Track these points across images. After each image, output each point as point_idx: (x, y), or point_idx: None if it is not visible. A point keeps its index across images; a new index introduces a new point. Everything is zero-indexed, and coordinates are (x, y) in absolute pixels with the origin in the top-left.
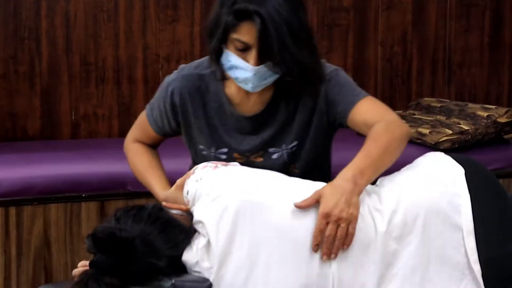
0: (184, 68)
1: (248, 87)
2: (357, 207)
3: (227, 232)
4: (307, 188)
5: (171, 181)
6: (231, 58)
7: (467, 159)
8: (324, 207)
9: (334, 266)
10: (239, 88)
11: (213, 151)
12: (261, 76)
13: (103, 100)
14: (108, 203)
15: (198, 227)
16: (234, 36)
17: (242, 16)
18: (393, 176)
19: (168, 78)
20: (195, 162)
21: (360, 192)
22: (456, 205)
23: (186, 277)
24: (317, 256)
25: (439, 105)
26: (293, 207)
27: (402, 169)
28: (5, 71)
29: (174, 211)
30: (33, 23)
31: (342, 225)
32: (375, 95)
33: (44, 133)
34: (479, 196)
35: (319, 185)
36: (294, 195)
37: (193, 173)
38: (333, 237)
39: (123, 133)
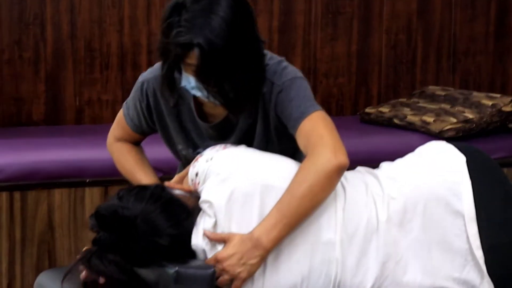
0: (157, 68)
1: (206, 100)
2: (250, 270)
3: (236, 214)
4: None
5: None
6: (190, 79)
7: (469, 147)
8: (220, 252)
9: (338, 252)
10: None
11: (190, 151)
12: None
13: (108, 86)
14: (112, 188)
15: (205, 206)
16: (188, 61)
17: (188, 46)
18: (395, 163)
19: (142, 77)
20: (180, 161)
21: (264, 253)
22: (457, 192)
23: (190, 264)
24: (322, 240)
25: (443, 93)
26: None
27: (404, 157)
28: (10, 57)
29: (177, 191)
30: (38, 9)
31: (226, 276)
32: (379, 83)
33: (49, 118)
34: (480, 184)
35: None
36: None
37: (201, 156)
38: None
39: None
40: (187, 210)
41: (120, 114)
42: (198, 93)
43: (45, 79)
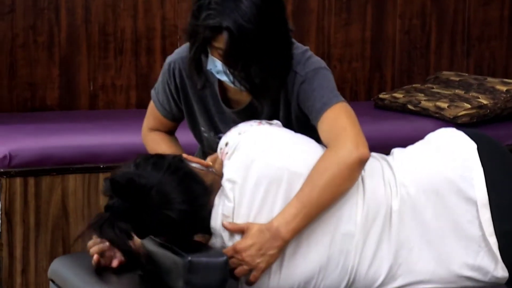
0: (184, 50)
1: (232, 85)
2: (269, 261)
3: (258, 200)
4: None
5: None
6: (216, 63)
7: (479, 134)
8: (239, 243)
9: (356, 244)
10: None
11: (212, 135)
12: None
13: (121, 71)
14: None
15: (227, 186)
16: (215, 44)
17: (217, 29)
18: (406, 150)
19: (169, 60)
20: (201, 144)
21: (283, 244)
22: (469, 179)
23: (202, 252)
24: (341, 231)
25: (457, 79)
26: None
27: (415, 144)
28: (25, 41)
29: (194, 164)
30: None
31: (245, 267)
32: (393, 68)
33: (63, 103)
34: (492, 170)
35: None
36: None
37: (235, 127)
38: (232, 269)
39: (140, 104)
40: (204, 186)
41: (151, 104)
42: (223, 78)
43: (59, 64)
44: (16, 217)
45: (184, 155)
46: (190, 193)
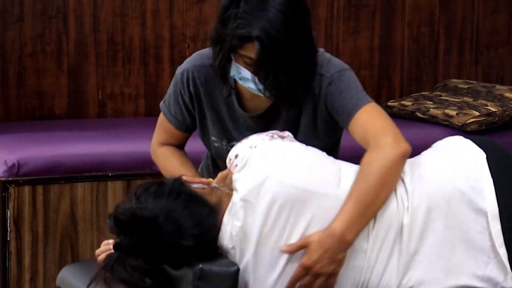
0: (196, 58)
1: (256, 92)
2: (341, 263)
3: (271, 220)
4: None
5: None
6: (241, 70)
7: (486, 141)
8: (307, 259)
9: (368, 259)
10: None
11: (224, 143)
12: None
13: (130, 80)
14: (135, 182)
15: (238, 203)
16: (242, 52)
17: (247, 39)
18: (416, 161)
19: (181, 69)
20: (210, 154)
21: (348, 246)
22: (479, 190)
23: (213, 261)
24: (354, 247)
25: (466, 86)
26: (340, 198)
27: (423, 153)
28: (33, 50)
29: (195, 185)
30: (61, 2)
31: (322, 278)
32: (401, 76)
33: (71, 112)
34: (501, 180)
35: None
36: (343, 183)
37: (246, 139)
38: (309, 287)
39: (149, 113)
40: (209, 207)
41: (161, 117)
42: (248, 85)
43: (68, 72)
44: (24, 226)
45: (184, 177)
46: (197, 216)
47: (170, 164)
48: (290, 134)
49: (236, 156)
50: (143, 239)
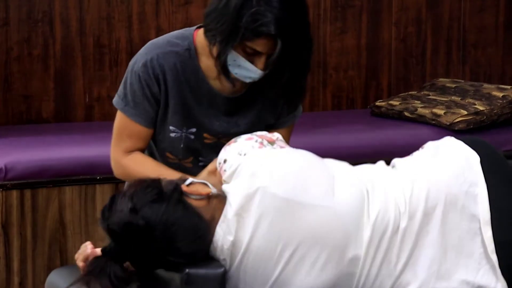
0: (156, 47)
1: (246, 80)
2: None
3: (265, 233)
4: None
5: None
6: (236, 58)
7: (479, 142)
8: None
9: (362, 267)
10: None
11: (184, 131)
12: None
13: (117, 83)
14: (123, 185)
15: (231, 217)
16: (248, 44)
17: (262, 34)
18: (408, 162)
19: (141, 61)
20: (155, 145)
21: None
22: (473, 195)
23: (200, 264)
24: (348, 256)
25: (453, 85)
26: (335, 210)
27: (415, 154)
28: (19, 54)
29: (193, 196)
30: (47, 6)
31: None
32: (389, 76)
33: (58, 115)
34: (494, 185)
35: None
36: (337, 191)
37: (235, 142)
38: None
39: None
40: (204, 223)
41: (121, 124)
42: (242, 72)
43: (54, 76)
44: (13, 230)
45: (184, 188)
46: (191, 236)
47: (145, 167)
48: (280, 136)
49: (225, 161)
50: (133, 250)
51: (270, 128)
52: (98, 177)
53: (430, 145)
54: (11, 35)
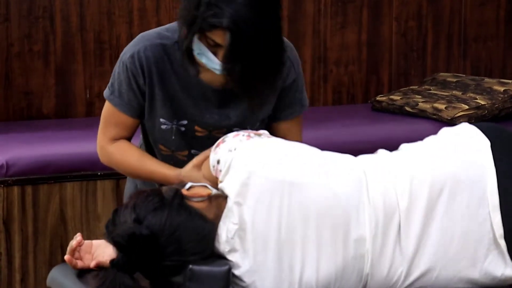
0: (144, 39)
1: (216, 72)
2: None
3: (264, 216)
4: (344, 164)
5: None
6: (201, 48)
7: (494, 128)
8: None
9: (368, 247)
10: None
11: (175, 123)
12: None
13: None
14: (124, 181)
15: (231, 205)
16: (208, 34)
17: (215, 27)
18: (416, 145)
19: (129, 52)
20: (147, 139)
21: None
22: (482, 179)
23: (205, 261)
24: (352, 237)
25: (454, 80)
26: (330, 187)
27: (425, 139)
28: (20, 50)
29: (195, 199)
30: (47, 2)
31: None
32: (389, 71)
33: (59, 111)
34: (504, 169)
35: (356, 160)
36: (332, 173)
37: (223, 142)
38: None
39: None
40: (208, 223)
41: (108, 112)
42: (208, 63)
43: (55, 72)
44: (14, 226)
45: (184, 192)
46: (198, 236)
47: (130, 156)
48: (266, 132)
49: (218, 162)
50: (140, 258)
51: (271, 121)
52: (99, 173)
53: (443, 131)
54: (11, 31)
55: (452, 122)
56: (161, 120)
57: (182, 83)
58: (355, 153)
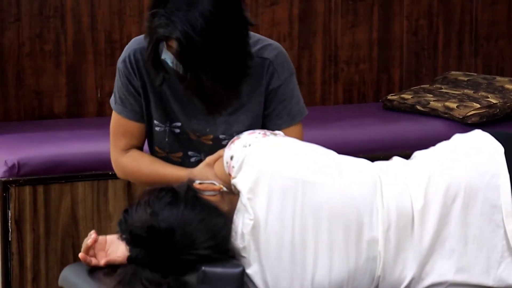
0: (134, 43)
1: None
2: None
3: (278, 214)
4: (359, 167)
5: None
6: (170, 57)
7: (507, 134)
8: None
9: (380, 248)
10: None
11: (167, 125)
12: None
13: None
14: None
15: (247, 203)
16: (169, 43)
17: (167, 38)
18: (429, 152)
19: (122, 58)
20: (149, 141)
21: None
22: (495, 186)
23: (218, 263)
24: (364, 239)
25: (466, 78)
26: (344, 188)
27: (438, 145)
28: (31, 50)
29: (207, 193)
30: (58, 1)
31: None
32: (400, 69)
33: (70, 111)
34: None
35: (372, 164)
36: (346, 175)
37: (238, 138)
38: None
39: None
40: (223, 216)
41: (115, 123)
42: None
43: (66, 71)
44: (26, 226)
45: (196, 186)
46: (212, 228)
47: (142, 165)
48: (281, 133)
49: (232, 158)
50: (158, 252)
51: (264, 128)
52: (110, 173)
53: (456, 137)
54: (22, 31)
55: (463, 121)
56: (155, 122)
57: (171, 87)
58: (367, 152)
